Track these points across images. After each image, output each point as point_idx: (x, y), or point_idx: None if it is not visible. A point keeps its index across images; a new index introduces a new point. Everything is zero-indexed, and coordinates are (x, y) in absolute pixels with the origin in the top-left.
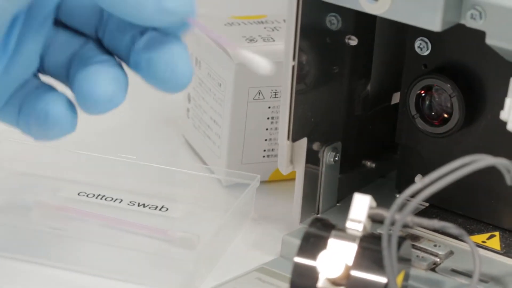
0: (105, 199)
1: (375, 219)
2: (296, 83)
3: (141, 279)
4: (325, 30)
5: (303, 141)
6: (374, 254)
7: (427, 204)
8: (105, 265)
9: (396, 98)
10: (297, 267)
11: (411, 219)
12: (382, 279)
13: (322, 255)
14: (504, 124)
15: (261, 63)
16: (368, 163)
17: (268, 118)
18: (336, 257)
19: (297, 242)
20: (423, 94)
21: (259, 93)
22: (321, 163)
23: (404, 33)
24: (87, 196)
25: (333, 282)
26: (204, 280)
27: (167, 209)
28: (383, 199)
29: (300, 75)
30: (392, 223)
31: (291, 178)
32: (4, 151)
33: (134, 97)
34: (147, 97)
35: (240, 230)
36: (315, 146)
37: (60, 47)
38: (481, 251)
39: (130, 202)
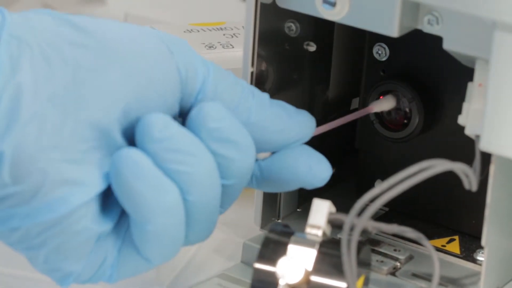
0: None
1: (335, 224)
2: None
3: (103, 285)
4: (283, 36)
5: None
6: (334, 259)
7: (387, 209)
8: None
9: (355, 103)
10: (257, 273)
11: (370, 223)
12: (342, 284)
13: (282, 260)
14: (462, 128)
15: None
16: None
17: None
18: (296, 262)
19: (258, 247)
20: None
21: None
22: None
23: (362, 39)
24: None
25: (293, 287)
26: (165, 286)
27: None
28: (343, 204)
29: (260, 81)
30: (351, 228)
31: None
32: None
33: None
34: None
35: None
36: None
37: None
38: (441, 255)
39: None
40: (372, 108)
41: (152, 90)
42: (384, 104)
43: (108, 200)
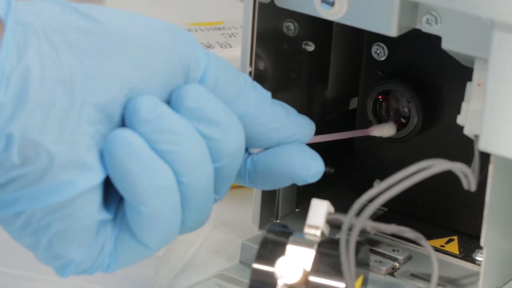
0: None
1: (333, 224)
2: None
3: (102, 285)
4: (282, 36)
5: None
6: (332, 259)
7: (386, 209)
8: None
9: (353, 103)
10: (256, 273)
11: (369, 224)
12: (341, 284)
13: (281, 261)
14: (461, 128)
15: None
16: (327, 168)
17: None
18: (294, 262)
19: (256, 248)
20: (380, 99)
21: None
22: None
23: (361, 38)
24: None
25: (292, 287)
26: (164, 286)
27: None
28: (342, 204)
29: (258, 81)
30: (350, 228)
31: None
32: None
33: None
34: None
35: (200, 237)
36: None
37: None
38: (440, 255)
39: None
40: (371, 130)
41: (156, 77)
42: (385, 130)
43: (109, 189)
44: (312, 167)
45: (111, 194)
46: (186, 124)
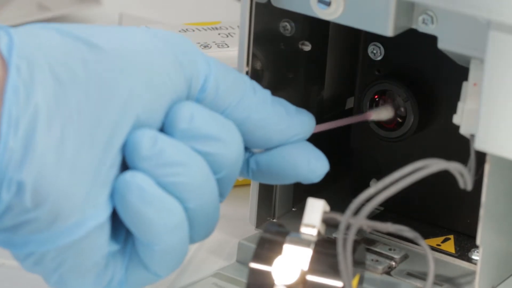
0: None
1: (329, 224)
2: None
3: None
4: (278, 36)
5: None
6: (329, 258)
7: (382, 208)
8: None
9: (350, 103)
10: (253, 273)
11: (366, 223)
12: (338, 283)
13: (277, 260)
14: (457, 128)
15: None
16: None
17: None
18: (291, 262)
19: (253, 247)
20: (376, 99)
21: None
22: None
23: (357, 38)
24: None
25: (289, 287)
26: (160, 285)
27: None
28: (338, 203)
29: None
30: (347, 227)
31: (247, 184)
32: None
33: None
34: None
35: None
36: None
37: None
38: (436, 254)
39: None
40: (370, 115)
41: (160, 100)
42: (383, 113)
43: (116, 219)
44: (317, 169)
45: (118, 224)
46: (187, 150)
